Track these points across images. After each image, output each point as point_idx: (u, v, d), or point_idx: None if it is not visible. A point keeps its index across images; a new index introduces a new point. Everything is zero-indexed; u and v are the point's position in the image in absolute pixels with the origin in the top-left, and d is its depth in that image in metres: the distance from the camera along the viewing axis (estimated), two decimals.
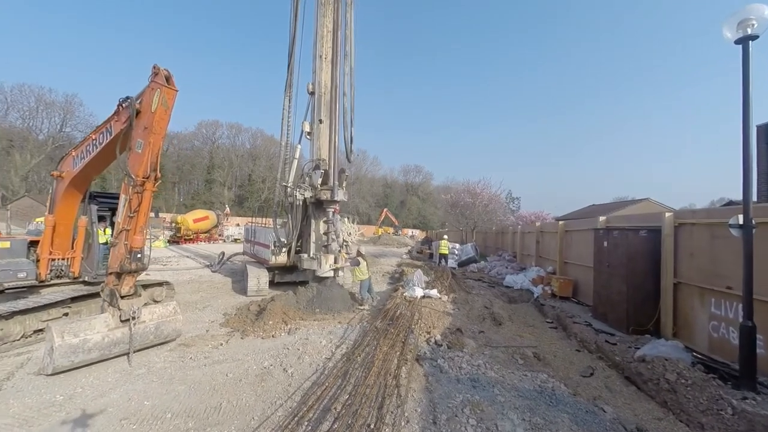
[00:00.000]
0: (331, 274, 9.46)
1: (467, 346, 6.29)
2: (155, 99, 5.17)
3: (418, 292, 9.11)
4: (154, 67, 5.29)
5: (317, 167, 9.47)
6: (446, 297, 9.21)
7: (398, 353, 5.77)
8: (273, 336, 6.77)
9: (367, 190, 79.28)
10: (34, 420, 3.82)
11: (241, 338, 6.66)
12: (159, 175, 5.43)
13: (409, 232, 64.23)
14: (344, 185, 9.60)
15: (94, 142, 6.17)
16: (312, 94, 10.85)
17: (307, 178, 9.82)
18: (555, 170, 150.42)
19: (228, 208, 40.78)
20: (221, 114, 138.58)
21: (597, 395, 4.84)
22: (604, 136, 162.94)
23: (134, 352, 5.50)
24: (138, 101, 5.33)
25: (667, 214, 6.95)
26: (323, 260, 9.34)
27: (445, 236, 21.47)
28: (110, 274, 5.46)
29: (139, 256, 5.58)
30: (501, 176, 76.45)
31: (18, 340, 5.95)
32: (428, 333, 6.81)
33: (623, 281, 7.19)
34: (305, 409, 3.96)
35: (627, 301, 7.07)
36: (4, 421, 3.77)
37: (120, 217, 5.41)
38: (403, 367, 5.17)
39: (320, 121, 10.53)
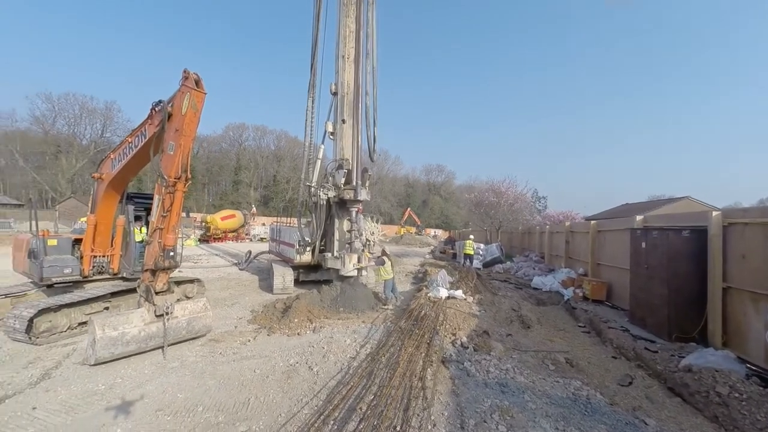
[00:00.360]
0: (355, 273, 9.49)
1: (495, 350, 6.11)
2: (185, 102, 5.34)
3: (443, 292, 8.96)
4: (184, 72, 5.47)
5: (340, 167, 9.53)
6: (471, 298, 9.00)
7: (423, 354, 5.68)
8: (298, 334, 6.85)
9: (389, 190, 79.27)
10: (79, 407, 4.03)
11: (268, 335, 6.78)
12: (189, 175, 5.62)
13: (432, 231, 63.64)
14: (367, 185, 9.61)
15: (130, 145, 6.48)
16: (335, 94, 10.93)
17: (330, 178, 9.90)
18: (583, 169, 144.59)
19: (254, 208, 41.95)
20: (247, 117, 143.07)
21: (637, 406, 4.54)
22: (636, 134, 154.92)
23: (168, 346, 5.72)
24: (169, 105, 5.54)
25: (714, 213, 6.44)
26: (347, 259, 9.39)
27: (471, 236, 21.01)
28: (146, 270, 5.70)
29: (171, 254, 5.79)
30: (527, 175, 74.21)
31: (65, 331, 6.35)
32: (454, 335, 6.66)
33: (664, 284, 6.74)
34: (331, 408, 3.96)
35: (668, 305, 6.62)
36: (53, 407, 4.01)
37: (154, 217, 5.64)
38: (429, 369, 5.08)
39: (343, 121, 10.59)
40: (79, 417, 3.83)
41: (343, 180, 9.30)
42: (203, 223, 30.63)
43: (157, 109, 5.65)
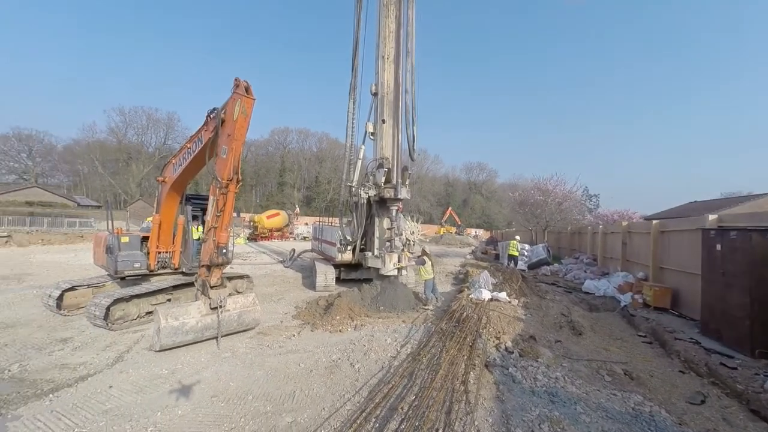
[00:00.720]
0: (395, 272, 9.50)
1: (542, 356, 5.78)
2: (236, 108, 5.68)
3: (485, 294, 8.66)
4: (236, 80, 5.82)
5: (380, 166, 9.59)
6: (516, 301, 8.60)
7: (465, 357, 5.54)
8: (340, 331, 7.00)
9: (429, 189, 78.49)
10: (147, 388, 4.45)
11: (311, 331, 7.01)
12: (240, 177, 5.97)
13: (473, 231, 61.98)
14: (407, 183, 9.57)
15: (189, 150, 7.03)
16: (375, 95, 11.02)
17: (370, 177, 10.00)
18: (639, 167, 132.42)
19: (298, 208, 43.70)
20: (291, 121, 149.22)
21: (712, 428, 4.05)
22: (700, 129, 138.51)
23: (221, 336, 6.14)
24: (222, 111, 5.92)
25: None
26: (387, 259, 9.43)
27: (516, 236, 20.23)
28: (202, 266, 6.15)
29: (225, 251, 6.20)
30: (577, 172, 68.90)
31: (135, 319, 7.06)
32: (497, 338, 6.41)
33: (745, 293, 5.94)
34: (372, 405, 3.98)
35: (750, 317, 5.83)
36: (125, 387, 4.47)
37: (209, 216, 6.06)
38: (472, 373, 4.93)
39: (383, 122, 10.65)
40: (146, 397, 4.22)
41: (383, 179, 9.36)
42: (251, 223, 32.49)
43: (211, 116, 6.07)
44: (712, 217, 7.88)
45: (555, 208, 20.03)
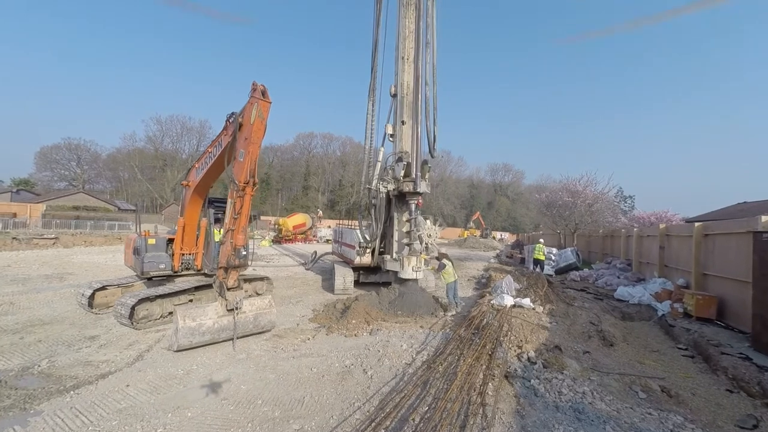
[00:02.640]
0: (413, 276, 9.29)
1: (568, 368, 5.39)
2: (253, 111, 5.74)
3: (508, 300, 8.27)
4: (253, 84, 5.89)
5: (400, 159, 9.47)
6: (541, 308, 8.15)
7: (484, 367, 5.26)
8: (355, 335, 6.89)
9: (452, 192, 77.36)
10: (161, 388, 4.52)
11: (327, 334, 6.94)
12: (257, 180, 6.01)
13: (498, 234, 60.30)
14: (427, 177, 9.35)
15: (210, 154, 7.20)
16: (394, 96, 10.92)
17: (390, 171, 9.88)
18: (676, 166, 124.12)
19: (321, 212, 44.32)
20: (315, 125, 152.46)
21: None
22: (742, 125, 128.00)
23: (238, 338, 6.19)
24: (240, 116, 6.00)
25: None
26: (405, 262, 9.26)
27: (541, 240, 19.47)
28: (220, 268, 6.24)
29: (244, 253, 6.27)
30: (609, 173, 65.23)
31: (158, 319, 7.28)
32: (519, 348, 6.07)
33: None
34: (383, 415, 3.82)
35: None
36: (141, 386, 4.56)
37: (227, 219, 6.15)
38: (490, 384, 4.65)
39: (403, 123, 10.52)
40: (160, 397, 4.28)
41: (402, 172, 9.21)
42: (276, 226, 33.26)
43: (230, 120, 6.18)
44: (765, 218, 7.12)
45: (585, 210, 19.00)
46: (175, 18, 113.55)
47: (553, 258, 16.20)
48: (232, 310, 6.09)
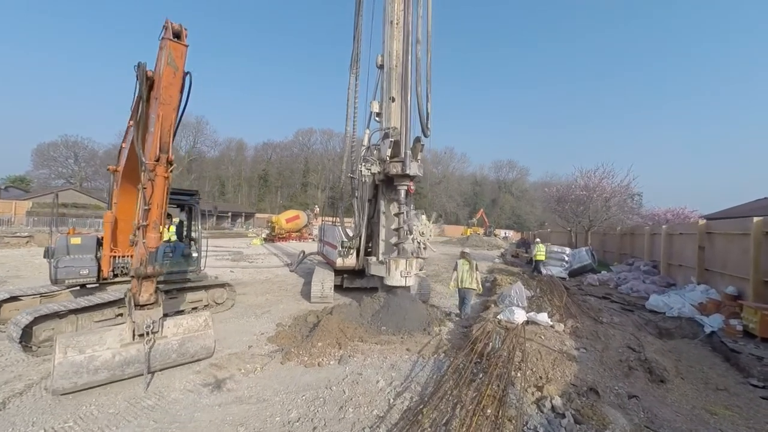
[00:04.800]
0: (402, 282, 7.58)
1: (612, 424, 3.70)
2: (163, 59, 4.07)
3: (519, 315, 6.56)
4: (165, 22, 4.22)
5: (386, 136, 7.78)
6: (562, 326, 6.42)
7: (491, 421, 3.61)
8: (319, 364, 5.24)
9: (455, 189, 75.43)
10: None
11: (281, 363, 5.28)
12: (171, 157, 4.35)
13: (502, 233, 58.39)
14: (420, 158, 7.65)
15: (132, 128, 5.55)
16: (381, 67, 9.21)
17: (375, 152, 8.23)
18: (688, 162, 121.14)
19: (317, 208, 42.68)
20: (315, 121, 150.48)
21: None
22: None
23: (158, 371, 4.58)
24: (151, 70, 4.34)
25: None
26: (392, 265, 7.54)
27: (538, 239, 18.16)
28: (132, 277, 4.61)
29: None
30: (616, 168, 61.75)
31: None
32: (539, 388, 4.38)
33: None
34: None
35: None
36: None
37: (138, 210, 4.51)
38: None
39: (391, 100, 8.82)
40: None
41: (389, 151, 7.52)
42: (269, 224, 31.73)
43: (137, 73, 4.51)
44: None
45: (601, 205, 17.16)
46: (171, 14, 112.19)
47: (567, 259, 14.43)
48: (144, 335, 4.45)
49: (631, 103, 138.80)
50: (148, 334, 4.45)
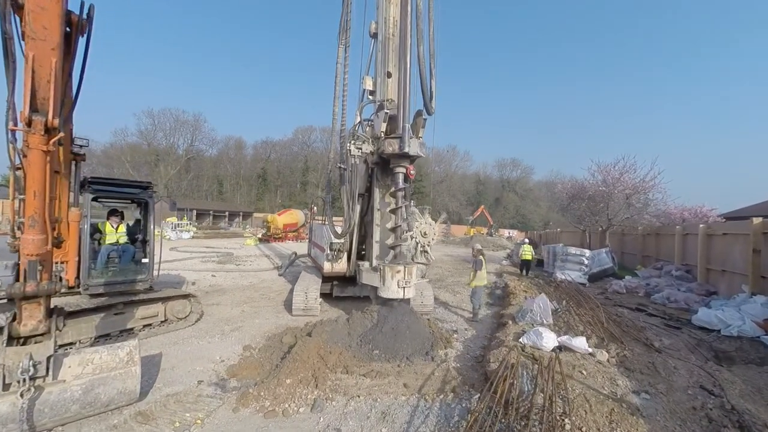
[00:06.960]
0: (400, 294, 6.16)
1: None
2: None
3: (548, 339, 5.09)
4: None
5: (381, 108, 6.40)
6: (605, 354, 4.97)
7: None
8: (284, 412, 3.84)
9: (458, 188, 73.88)
10: None
11: (233, 411, 3.88)
12: (54, 122, 2.94)
13: (506, 232, 56.78)
14: (421, 134, 6.23)
15: None
16: (375, 36, 7.82)
17: (368, 129, 6.85)
18: (693, 159, 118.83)
19: (315, 207, 41.31)
20: (315, 119, 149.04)
21: None
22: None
23: (61, 426, 3.21)
24: None
25: None
26: (387, 273, 6.13)
27: (526, 239, 17.61)
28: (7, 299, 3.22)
29: (53, 270, 3.25)
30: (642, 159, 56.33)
31: None
32: None
33: None
34: None
35: None
36: None
37: (10, 200, 3.12)
38: None
39: (388, 75, 7.42)
40: None
41: (384, 127, 6.12)
42: (264, 223, 30.43)
43: None
44: None
45: (622, 202, 15.64)
46: (169, 12, 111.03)
47: (585, 261, 12.94)
48: (22, 381, 3.07)
49: (636, 103, 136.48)
50: (26, 381, 3.06)
